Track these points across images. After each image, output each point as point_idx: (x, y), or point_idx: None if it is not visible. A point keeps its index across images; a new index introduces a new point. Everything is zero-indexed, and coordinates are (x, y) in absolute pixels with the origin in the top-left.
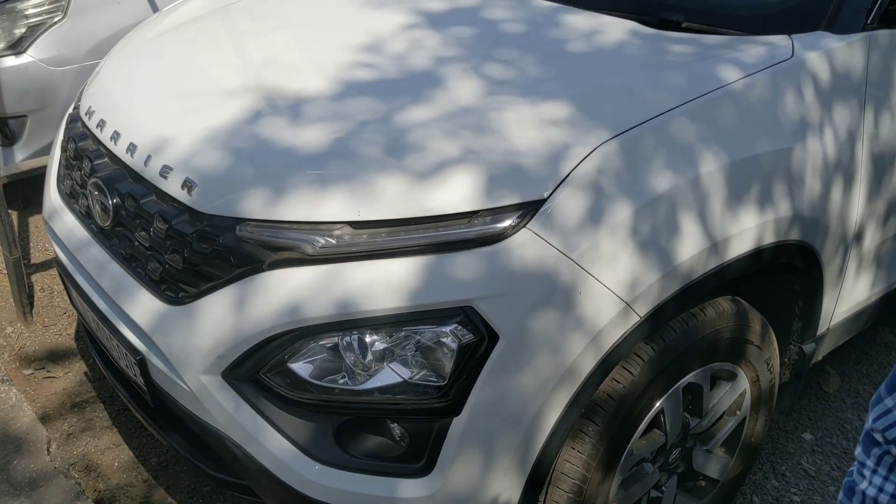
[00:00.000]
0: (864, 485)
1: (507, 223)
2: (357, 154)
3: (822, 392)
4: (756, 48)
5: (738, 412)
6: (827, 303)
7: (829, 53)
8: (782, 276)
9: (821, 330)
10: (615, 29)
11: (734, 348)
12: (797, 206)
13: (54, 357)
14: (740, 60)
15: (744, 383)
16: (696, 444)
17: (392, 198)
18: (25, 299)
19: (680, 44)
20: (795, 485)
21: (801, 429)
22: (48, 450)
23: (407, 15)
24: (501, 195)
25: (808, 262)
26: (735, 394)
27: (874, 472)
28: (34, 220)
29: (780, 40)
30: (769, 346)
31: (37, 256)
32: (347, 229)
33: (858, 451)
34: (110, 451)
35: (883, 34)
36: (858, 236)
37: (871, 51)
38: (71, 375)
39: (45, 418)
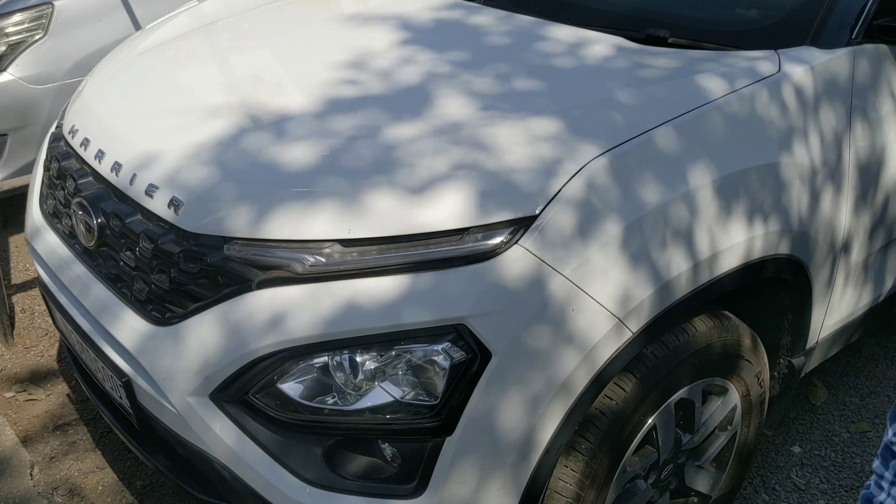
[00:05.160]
0: (881, 496)
1: (498, 240)
2: (346, 171)
3: (810, 404)
4: (743, 63)
5: (729, 427)
6: (816, 316)
7: (814, 68)
8: (771, 291)
9: (810, 343)
10: (601, 44)
11: (725, 363)
12: (786, 220)
13: (36, 379)
14: (728, 75)
15: (735, 398)
16: (688, 460)
17: (382, 215)
18: (6, 320)
19: (667, 59)
20: (785, 499)
21: (789, 442)
22: (31, 473)
23: (390, 32)
24: (492, 212)
25: (797, 275)
26: (726, 409)
27: (893, 483)
28: (14, 240)
29: (767, 55)
30: (759, 361)
31: (17, 277)
32: (337, 247)
33: (876, 463)
34: (94, 475)
35: (868, 48)
36: (846, 249)
37: (856, 65)
38: (53, 398)
39: (27, 441)
